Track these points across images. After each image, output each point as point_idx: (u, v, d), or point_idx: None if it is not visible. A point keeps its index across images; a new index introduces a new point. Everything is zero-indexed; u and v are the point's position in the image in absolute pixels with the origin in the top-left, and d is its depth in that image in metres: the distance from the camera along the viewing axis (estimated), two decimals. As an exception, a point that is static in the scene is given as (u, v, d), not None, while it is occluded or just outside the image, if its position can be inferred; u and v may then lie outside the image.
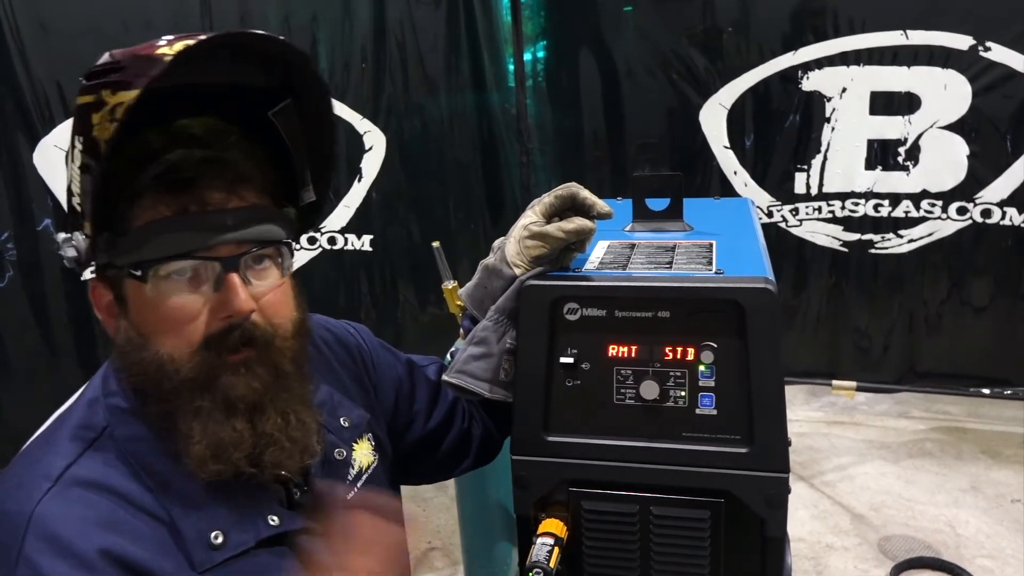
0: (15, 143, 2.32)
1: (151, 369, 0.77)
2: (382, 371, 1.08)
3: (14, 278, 2.36)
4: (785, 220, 2.91)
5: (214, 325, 0.77)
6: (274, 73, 0.81)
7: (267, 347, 0.80)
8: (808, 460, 3.08)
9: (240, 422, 0.78)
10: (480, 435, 1.13)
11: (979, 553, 2.51)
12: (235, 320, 0.77)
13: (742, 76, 2.83)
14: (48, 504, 0.73)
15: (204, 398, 0.77)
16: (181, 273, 0.76)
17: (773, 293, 0.88)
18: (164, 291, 0.76)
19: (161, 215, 0.75)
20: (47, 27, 2.30)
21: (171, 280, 0.76)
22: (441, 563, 2.66)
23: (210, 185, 0.77)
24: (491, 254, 1.02)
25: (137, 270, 0.75)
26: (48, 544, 0.70)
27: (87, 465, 0.77)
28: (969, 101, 2.62)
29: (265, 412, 0.80)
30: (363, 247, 2.92)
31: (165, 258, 0.75)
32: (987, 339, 2.83)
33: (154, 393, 0.78)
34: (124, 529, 0.74)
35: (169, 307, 0.76)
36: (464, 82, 2.98)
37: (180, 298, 0.76)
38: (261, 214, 0.80)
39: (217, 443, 0.76)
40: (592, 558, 0.96)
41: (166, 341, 0.76)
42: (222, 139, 0.80)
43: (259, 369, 0.79)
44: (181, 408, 0.77)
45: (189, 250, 0.75)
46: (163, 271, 0.75)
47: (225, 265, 0.77)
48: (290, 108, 0.83)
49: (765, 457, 0.89)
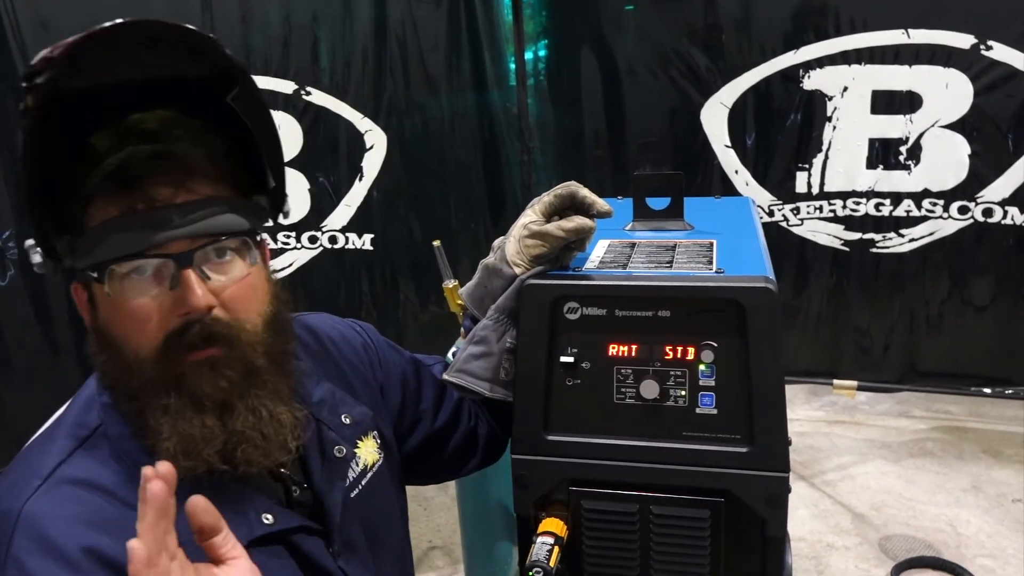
0: (15, 143, 2.32)
1: (119, 368, 0.77)
2: (388, 370, 1.08)
3: (15, 277, 2.37)
4: (786, 219, 2.91)
5: (172, 322, 0.76)
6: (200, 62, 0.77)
7: (233, 342, 0.78)
8: (809, 459, 3.08)
9: (210, 419, 0.77)
10: (486, 434, 1.13)
11: (980, 553, 2.51)
12: (193, 316, 0.76)
13: (743, 75, 2.82)
14: (36, 502, 0.73)
15: (171, 396, 0.76)
16: (139, 272, 0.75)
17: (774, 292, 0.87)
18: (121, 291, 0.75)
19: (110, 215, 0.74)
20: (48, 26, 2.30)
21: (128, 280, 0.75)
22: (442, 562, 2.66)
23: (157, 181, 0.75)
24: (491, 253, 1.02)
25: (93, 272, 0.75)
26: (35, 543, 0.71)
27: (78, 463, 0.77)
28: (971, 100, 2.61)
29: (235, 409, 0.78)
30: (364, 246, 2.92)
31: (117, 258, 0.74)
32: (988, 338, 2.82)
33: (124, 391, 0.78)
34: (112, 527, 0.73)
35: (127, 307, 0.76)
36: (465, 81, 2.98)
37: (137, 297, 0.75)
38: (215, 206, 0.78)
39: (187, 440, 0.76)
40: (592, 557, 0.96)
41: (130, 340, 0.76)
42: (170, 132, 0.78)
43: (227, 367, 0.78)
44: (150, 405, 0.76)
45: (139, 249, 0.74)
46: (118, 271, 0.75)
47: (179, 261, 0.75)
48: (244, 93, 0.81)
49: (765, 456, 0.89)
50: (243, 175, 0.84)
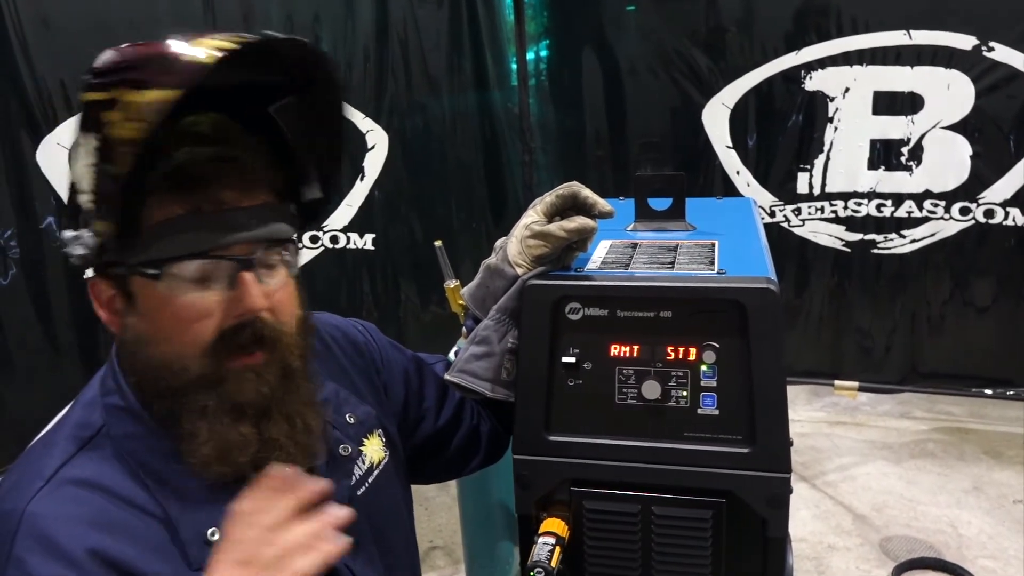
0: (18, 140, 2.32)
1: (158, 366, 0.77)
2: (391, 369, 1.08)
3: (17, 276, 2.37)
4: (788, 220, 2.91)
5: (226, 323, 0.77)
6: (288, 72, 0.80)
7: (276, 345, 0.80)
8: (810, 460, 3.08)
9: (246, 426, 0.78)
10: (488, 432, 1.13)
11: (981, 554, 2.51)
12: (247, 318, 0.77)
13: (745, 76, 2.82)
14: (39, 503, 0.73)
15: (211, 398, 0.76)
16: (195, 272, 0.76)
17: (775, 293, 0.87)
18: (177, 289, 0.75)
19: (174, 214, 0.74)
20: (50, 24, 2.30)
21: (184, 278, 0.75)
22: (443, 562, 2.66)
23: (222, 183, 0.76)
24: (493, 254, 1.02)
25: (151, 268, 0.75)
26: (38, 543, 0.70)
27: (81, 464, 0.77)
28: (972, 101, 2.61)
29: (272, 417, 0.79)
30: (365, 246, 2.93)
31: (180, 257, 0.74)
32: (990, 339, 2.82)
33: (159, 391, 0.78)
34: (116, 528, 0.73)
35: (182, 305, 0.76)
36: (467, 81, 2.98)
37: (193, 296, 0.76)
38: (272, 212, 0.80)
39: (223, 445, 0.76)
40: (593, 558, 0.96)
41: (176, 339, 0.76)
42: (230, 137, 0.79)
43: (269, 373, 0.79)
44: (187, 407, 0.77)
45: (204, 249, 0.75)
46: (176, 270, 0.75)
47: (240, 264, 0.76)
48: (293, 105, 0.83)
49: (767, 457, 0.89)
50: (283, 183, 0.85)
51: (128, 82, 0.69)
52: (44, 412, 2.26)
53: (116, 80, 0.70)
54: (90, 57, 0.73)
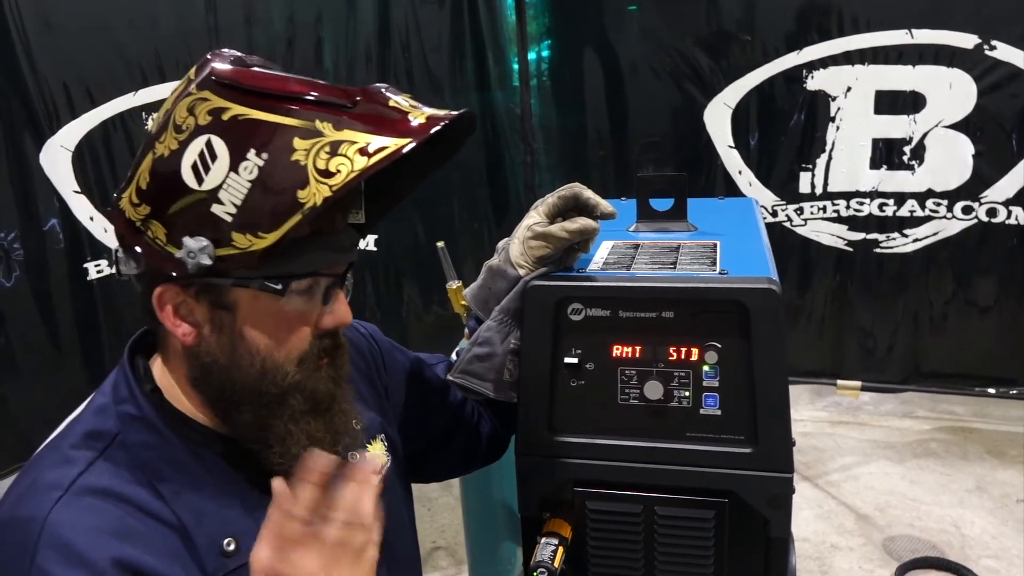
0: (21, 143, 2.33)
1: (254, 375, 0.79)
2: (393, 371, 1.09)
3: (20, 278, 2.37)
4: (790, 219, 2.91)
5: (317, 334, 0.82)
6: None
7: (343, 352, 0.86)
8: (813, 460, 3.08)
9: (320, 422, 0.82)
10: (489, 432, 1.14)
11: (984, 553, 2.51)
12: (334, 329, 0.83)
13: (746, 76, 2.82)
14: (60, 513, 0.73)
15: (298, 400, 0.81)
16: (307, 288, 0.79)
17: (777, 293, 0.88)
18: (291, 303, 0.79)
19: (303, 233, 0.75)
20: (52, 25, 2.30)
21: (300, 293, 0.79)
22: (446, 562, 2.66)
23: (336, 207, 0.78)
24: (495, 255, 1.02)
25: (275, 283, 0.76)
26: (60, 554, 0.70)
27: (98, 473, 0.76)
28: (974, 100, 2.61)
29: (333, 411, 0.84)
30: (368, 247, 2.93)
31: (305, 274, 0.78)
32: (992, 339, 2.82)
33: (252, 400, 0.79)
34: (136, 537, 0.73)
35: (293, 317, 0.79)
36: (468, 82, 2.98)
37: (303, 309, 0.80)
38: (355, 235, 0.85)
39: (311, 441, 0.80)
40: (596, 558, 0.96)
41: (281, 348, 0.79)
42: None
43: (333, 371, 0.84)
44: (278, 412, 0.80)
45: (321, 268, 0.79)
46: (297, 285, 0.78)
47: (337, 281, 0.82)
48: None
49: (769, 457, 0.89)
50: None
51: (332, 119, 0.73)
52: (47, 413, 2.28)
53: (313, 112, 0.73)
54: (93, 59, 0.73)
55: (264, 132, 0.73)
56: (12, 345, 2.37)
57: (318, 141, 0.72)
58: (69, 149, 2.38)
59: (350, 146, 0.72)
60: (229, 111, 0.73)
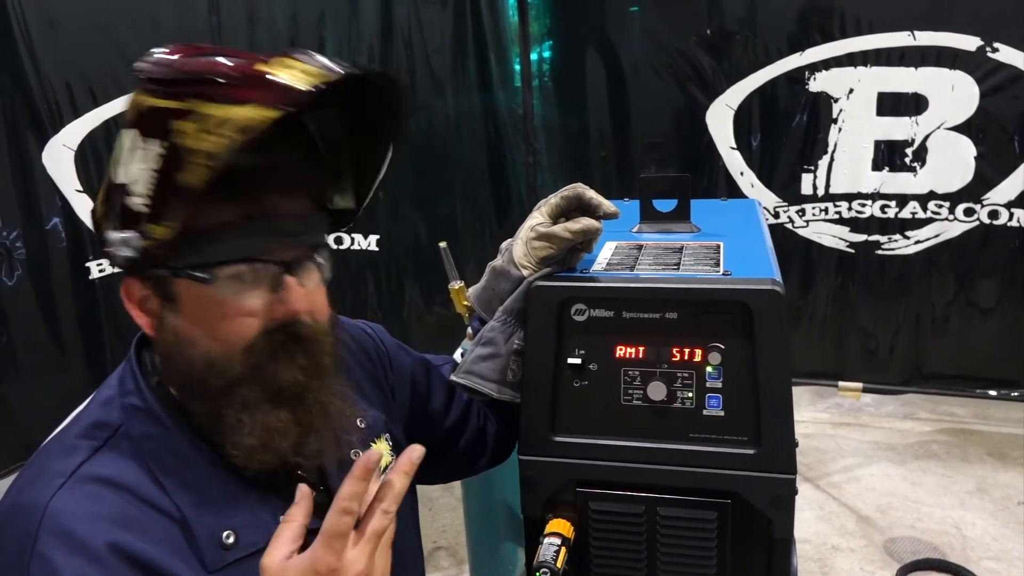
0: (24, 142, 2.33)
1: (200, 366, 0.78)
2: (399, 371, 1.08)
3: (22, 276, 2.37)
4: (791, 221, 2.91)
5: (268, 324, 0.79)
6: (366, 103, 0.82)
7: (312, 344, 0.82)
8: (814, 461, 3.08)
9: (284, 412, 0.79)
10: (495, 434, 1.14)
11: (985, 555, 2.51)
12: (288, 319, 0.79)
13: (749, 77, 2.82)
14: (61, 500, 0.73)
15: (252, 389, 0.78)
16: (243, 275, 0.77)
17: (781, 294, 0.88)
18: (226, 291, 0.77)
19: (227, 219, 0.75)
20: (56, 25, 2.30)
21: (234, 281, 0.77)
22: (447, 563, 2.66)
23: (271, 190, 0.78)
24: (499, 255, 1.02)
25: (202, 272, 0.76)
26: (60, 539, 0.71)
27: (101, 462, 0.77)
28: (977, 102, 2.61)
29: (305, 402, 0.81)
30: (369, 247, 2.93)
31: (232, 261, 0.76)
32: (994, 341, 2.82)
33: (202, 390, 0.79)
34: (135, 526, 0.74)
35: (229, 307, 0.77)
36: (471, 82, 2.99)
37: (240, 298, 0.77)
38: (315, 219, 0.83)
39: (267, 433, 0.78)
40: (599, 558, 0.96)
41: (221, 339, 0.78)
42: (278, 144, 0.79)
43: (301, 360, 0.81)
44: (230, 403, 0.78)
45: (255, 254, 0.77)
46: (228, 272, 0.76)
47: (285, 267, 0.79)
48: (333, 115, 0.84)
49: (772, 458, 0.89)
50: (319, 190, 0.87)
51: (204, 95, 0.70)
52: (49, 411, 2.28)
53: (193, 91, 0.71)
54: (95, 58, 0.74)
55: (161, 119, 0.72)
56: (14, 344, 2.37)
57: (204, 122, 0.70)
58: (71, 148, 2.39)
59: (229, 123, 0.69)
60: (143, 103, 0.74)
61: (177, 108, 0.71)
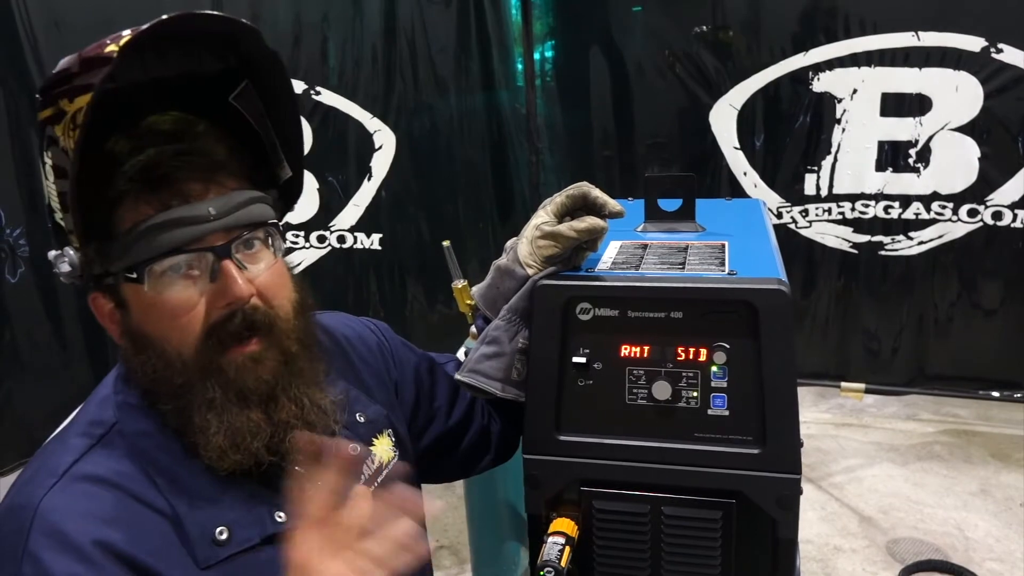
0: (28, 140, 2.33)
1: (159, 367, 0.78)
2: (403, 368, 1.09)
3: (26, 274, 2.38)
4: (795, 221, 2.91)
5: (215, 314, 0.78)
6: (226, 55, 0.81)
7: (271, 330, 0.80)
8: (816, 462, 3.08)
9: (255, 413, 0.79)
10: (499, 432, 1.14)
11: (988, 556, 2.50)
12: (235, 306, 0.78)
13: (752, 77, 2.82)
14: (52, 499, 0.74)
15: (215, 390, 0.77)
16: (176, 268, 0.76)
17: (786, 294, 0.88)
18: (161, 288, 0.76)
19: (145, 215, 0.75)
20: (60, 24, 2.31)
21: (167, 276, 0.76)
22: (449, 561, 2.66)
23: (188, 178, 0.77)
24: (503, 254, 1.02)
25: (132, 272, 0.76)
26: (51, 539, 0.71)
27: (94, 460, 0.77)
28: (981, 103, 2.60)
29: (279, 401, 0.80)
30: (372, 246, 2.93)
31: (158, 256, 0.75)
32: (997, 342, 2.81)
33: (166, 391, 0.78)
34: (126, 523, 0.74)
35: (168, 303, 0.77)
36: (474, 81, 2.99)
37: (178, 292, 0.77)
38: (243, 198, 0.80)
39: (234, 433, 0.77)
40: (603, 558, 0.96)
41: (170, 336, 0.77)
42: (191, 131, 0.80)
43: (267, 359, 0.80)
44: (194, 402, 0.77)
45: (180, 245, 0.75)
46: (158, 269, 0.76)
47: (218, 253, 0.77)
48: (249, 89, 0.83)
49: (777, 458, 0.89)
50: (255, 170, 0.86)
51: (65, 92, 0.71)
52: (52, 409, 2.28)
53: (57, 92, 0.71)
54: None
55: (44, 131, 0.73)
56: (17, 342, 2.38)
57: (66, 120, 0.70)
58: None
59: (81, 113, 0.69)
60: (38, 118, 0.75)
61: (48, 115, 0.72)
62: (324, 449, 0.71)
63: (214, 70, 0.82)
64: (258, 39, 0.80)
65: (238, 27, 0.78)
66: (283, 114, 0.86)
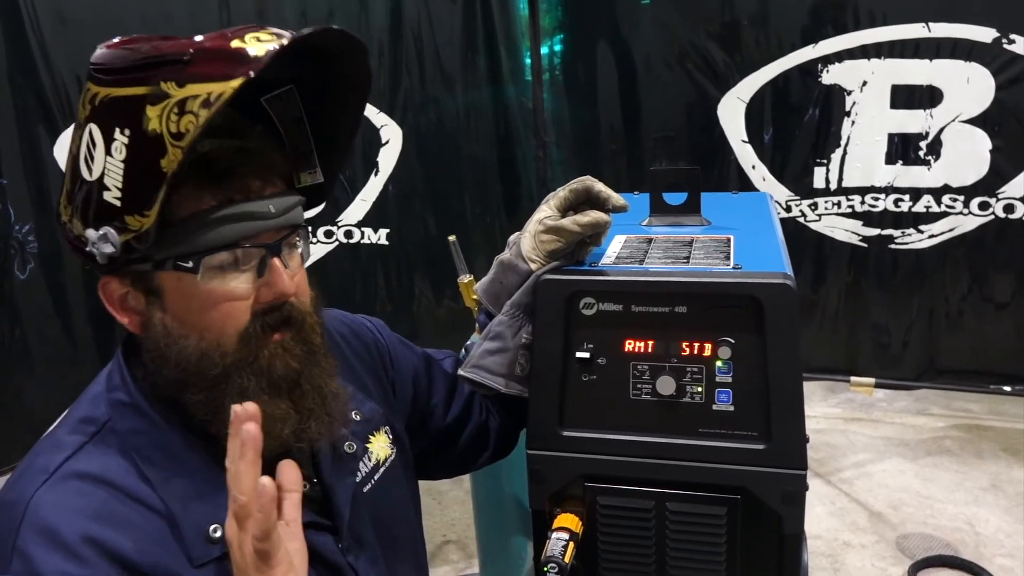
0: (36, 136, 2.34)
1: (194, 358, 0.78)
2: (400, 366, 1.08)
3: (35, 270, 2.39)
4: (804, 215, 2.89)
5: (258, 309, 0.79)
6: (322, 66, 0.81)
7: (301, 326, 0.83)
8: (826, 457, 3.07)
9: (284, 401, 0.80)
10: (497, 428, 1.13)
11: (999, 552, 2.49)
12: (277, 302, 0.80)
13: (761, 69, 2.80)
14: (43, 495, 0.73)
15: (249, 379, 0.78)
16: (231, 261, 0.77)
17: (792, 288, 0.87)
18: (213, 279, 0.76)
19: (206, 205, 0.75)
20: (67, 20, 2.31)
21: (219, 268, 0.77)
22: (456, 556, 2.67)
23: (247, 173, 0.78)
24: (507, 249, 1.01)
25: (187, 260, 0.75)
26: (40, 535, 0.71)
27: (86, 458, 0.77)
28: (992, 95, 2.58)
29: (303, 389, 0.82)
30: (379, 241, 2.93)
31: (220, 247, 0.76)
32: (1008, 335, 2.79)
33: (197, 381, 0.78)
34: (117, 521, 0.74)
35: (218, 294, 0.77)
36: (481, 76, 2.98)
37: (228, 285, 0.77)
38: (293, 200, 0.82)
39: (269, 421, 0.77)
40: (607, 553, 0.96)
41: (212, 327, 0.77)
42: (246, 129, 0.80)
43: (295, 347, 0.82)
44: (228, 391, 0.77)
45: (239, 239, 0.76)
46: (216, 260, 0.76)
47: (270, 250, 0.79)
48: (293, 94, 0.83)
49: (782, 454, 0.88)
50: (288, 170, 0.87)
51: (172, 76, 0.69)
52: (60, 405, 2.28)
53: (156, 74, 0.70)
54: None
55: (124, 107, 0.71)
56: (27, 338, 2.39)
57: (167, 103, 0.69)
58: (83, 143, 2.40)
59: (194, 101, 0.68)
60: (99, 95, 0.73)
61: (139, 94, 0.70)
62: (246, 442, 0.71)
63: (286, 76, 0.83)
64: (365, 57, 0.82)
65: (356, 45, 0.79)
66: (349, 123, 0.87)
